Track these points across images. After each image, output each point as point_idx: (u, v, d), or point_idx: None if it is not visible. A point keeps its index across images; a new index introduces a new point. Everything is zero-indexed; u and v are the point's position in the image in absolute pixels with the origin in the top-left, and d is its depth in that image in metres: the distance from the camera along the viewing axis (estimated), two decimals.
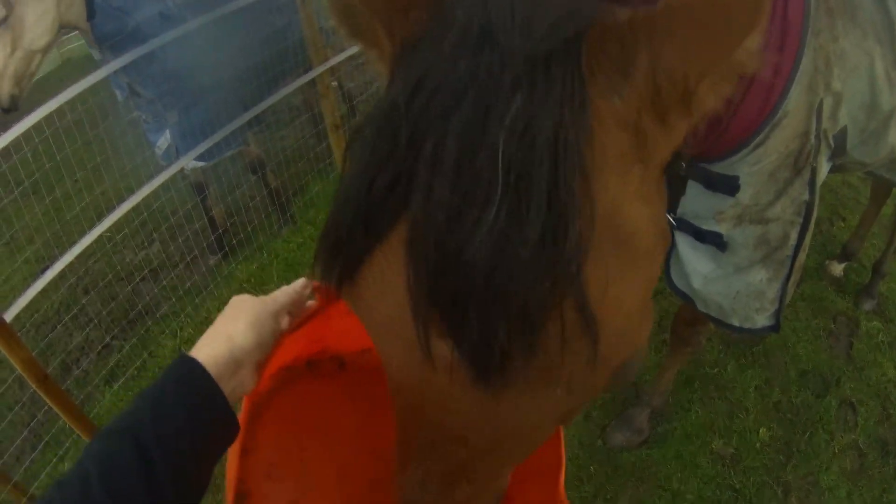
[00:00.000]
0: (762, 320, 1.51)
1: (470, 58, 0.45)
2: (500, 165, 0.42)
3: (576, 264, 0.44)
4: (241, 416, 0.83)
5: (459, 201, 0.43)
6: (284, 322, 0.82)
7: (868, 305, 2.82)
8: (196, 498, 0.66)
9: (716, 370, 2.58)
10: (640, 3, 0.48)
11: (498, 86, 0.43)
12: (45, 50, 2.41)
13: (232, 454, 0.87)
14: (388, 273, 0.50)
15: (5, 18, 2.25)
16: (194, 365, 0.69)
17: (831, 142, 1.30)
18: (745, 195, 1.29)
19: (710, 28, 0.43)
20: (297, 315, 0.87)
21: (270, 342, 0.78)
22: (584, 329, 0.46)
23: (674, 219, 1.49)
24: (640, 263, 0.51)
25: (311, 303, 0.90)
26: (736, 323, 1.53)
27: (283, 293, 0.83)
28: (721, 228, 1.38)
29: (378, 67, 0.58)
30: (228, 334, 0.73)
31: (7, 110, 2.37)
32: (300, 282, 0.86)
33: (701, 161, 1.27)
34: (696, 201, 1.38)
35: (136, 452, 0.60)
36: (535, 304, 0.44)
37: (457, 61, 0.45)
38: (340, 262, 0.53)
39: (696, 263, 1.50)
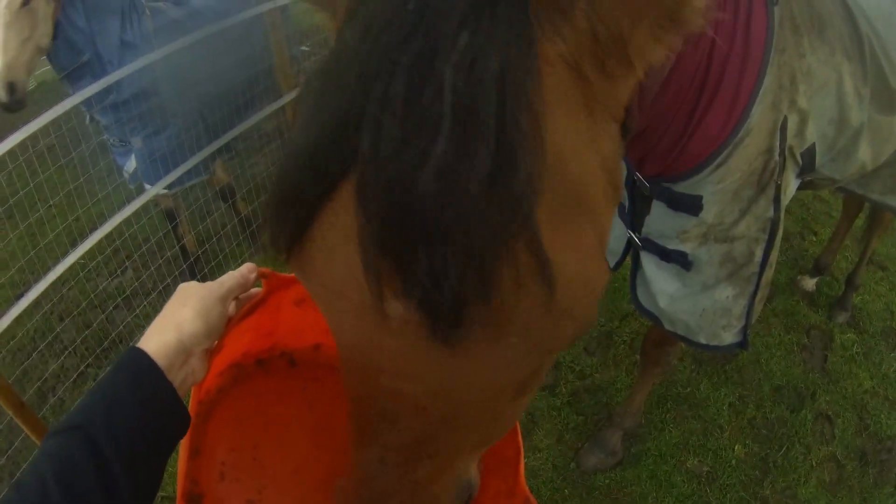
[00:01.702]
0: (729, 337, 1.52)
1: None
2: (445, 99, 0.42)
3: (527, 203, 0.44)
4: (190, 409, 0.82)
5: (408, 135, 0.42)
6: (231, 307, 0.82)
7: (842, 318, 2.84)
8: (152, 491, 0.66)
9: (689, 389, 2.58)
10: None
11: (446, 23, 0.43)
12: (45, 52, 2.39)
13: (182, 455, 0.86)
14: (340, 227, 0.48)
15: (28, 1, 2.24)
16: (143, 357, 0.68)
17: (799, 159, 1.30)
18: (709, 214, 1.29)
19: None
20: (244, 301, 0.86)
21: (219, 328, 0.78)
22: (539, 272, 0.45)
23: (639, 238, 1.50)
24: (592, 210, 0.51)
25: (256, 290, 0.88)
26: (703, 340, 1.53)
27: (230, 277, 0.82)
28: (686, 247, 1.38)
29: (331, 28, 0.58)
30: (177, 322, 0.73)
31: (13, 106, 2.31)
32: (246, 266, 0.85)
33: (664, 181, 1.27)
34: (661, 221, 1.38)
35: (89, 450, 0.60)
36: (486, 244, 0.43)
37: (405, 1, 0.44)
38: (289, 222, 0.50)
39: (661, 283, 1.50)
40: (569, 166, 0.47)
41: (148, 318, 3.11)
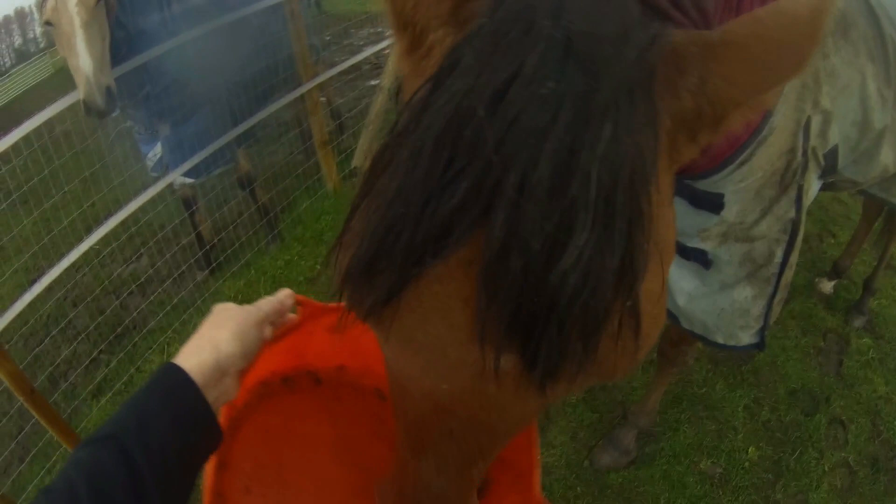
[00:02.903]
0: (747, 338, 1.50)
1: (557, 77, 0.44)
2: (591, 193, 0.43)
3: (640, 280, 0.47)
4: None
5: (551, 227, 0.43)
6: (267, 332, 0.83)
7: (859, 322, 2.81)
8: (181, 502, 0.65)
9: (704, 390, 2.56)
10: (691, 25, 0.53)
11: (588, 112, 0.44)
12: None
13: (208, 468, 0.87)
14: (443, 296, 0.49)
15: None
16: (180, 374, 0.69)
17: (822, 160, 1.29)
18: (730, 213, 1.28)
19: (761, 64, 0.47)
20: (279, 326, 0.88)
21: (254, 351, 0.79)
22: (634, 327, 0.49)
23: None
24: (665, 257, 0.54)
25: (291, 316, 0.91)
26: (720, 340, 1.52)
27: (268, 303, 0.84)
28: (706, 246, 1.37)
29: (403, 64, 0.58)
30: (214, 343, 0.73)
31: (108, 112, 2.20)
32: (284, 292, 0.87)
33: (686, 178, 1.26)
34: (682, 219, 1.37)
35: (121, 460, 0.60)
36: (601, 317, 0.46)
37: (544, 77, 0.44)
38: (383, 282, 0.50)
39: (680, 281, 1.49)
40: (659, 229, 0.51)
41: (162, 305, 3.12)
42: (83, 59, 2.11)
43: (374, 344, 0.83)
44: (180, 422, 0.66)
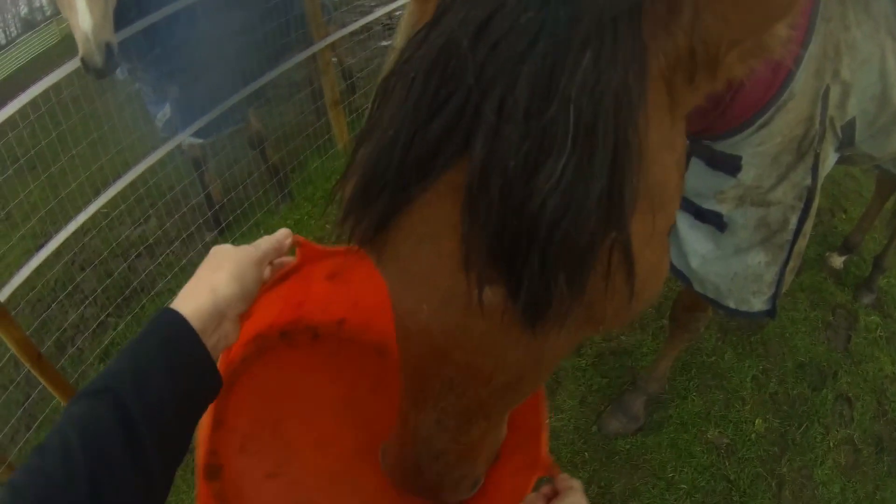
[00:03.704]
0: (759, 304, 1.50)
1: (538, 7, 0.45)
2: (570, 116, 0.43)
3: (628, 213, 0.47)
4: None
5: (528, 147, 0.44)
6: (266, 272, 0.81)
7: (867, 299, 2.80)
8: (179, 456, 0.64)
9: (713, 358, 2.57)
10: None
11: (568, 40, 0.45)
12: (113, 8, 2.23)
13: (203, 426, 0.85)
14: (434, 220, 0.50)
15: None
16: (178, 319, 0.66)
17: (839, 132, 1.29)
18: (747, 176, 1.28)
19: (752, 1, 0.48)
20: (278, 267, 0.85)
21: (254, 292, 0.77)
22: (626, 269, 0.49)
23: None
24: (667, 205, 0.54)
25: (288, 259, 0.88)
26: (732, 305, 1.52)
27: (266, 241, 0.81)
28: (722, 209, 1.37)
29: (416, 8, 0.60)
30: (212, 286, 0.71)
31: (108, 71, 2.14)
32: (282, 232, 0.85)
33: (705, 138, 1.26)
34: (698, 179, 1.37)
35: (117, 415, 0.58)
36: (588, 249, 0.46)
37: (525, 8, 0.45)
38: (378, 208, 0.51)
39: (694, 243, 1.49)
40: (654, 169, 0.51)
41: (171, 266, 3.12)
42: (82, 15, 2.07)
43: (376, 297, 0.82)
44: (178, 371, 0.64)
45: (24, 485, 0.54)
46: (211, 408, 0.85)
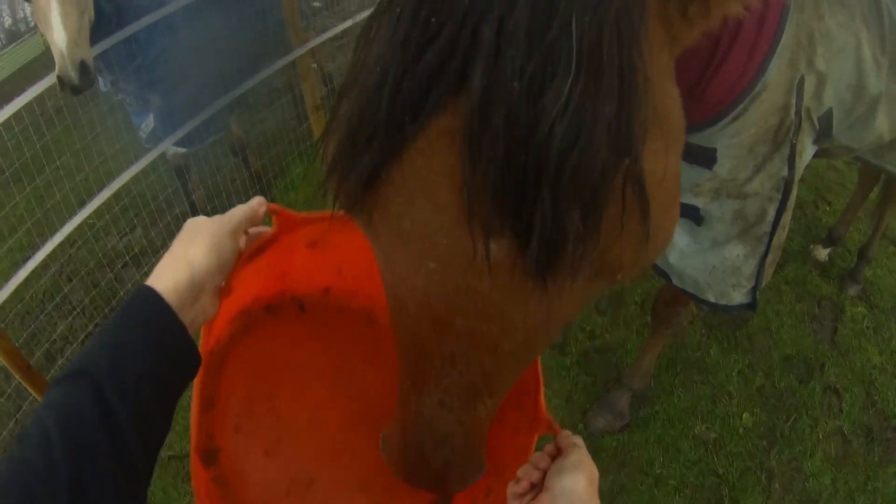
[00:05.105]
0: (739, 297, 1.50)
1: None
2: (574, 35, 0.41)
3: (639, 142, 0.44)
4: (200, 348, 0.79)
5: (533, 68, 0.41)
6: (242, 241, 0.79)
7: (853, 290, 2.82)
8: (161, 437, 0.63)
9: (698, 353, 2.57)
10: None
11: None
12: (92, 25, 2.22)
13: (194, 409, 0.83)
14: (428, 168, 0.46)
15: None
16: (153, 297, 0.65)
17: (816, 123, 1.29)
18: (722, 168, 1.28)
19: None
20: (254, 236, 0.84)
21: (230, 263, 0.75)
22: (641, 207, 0.46)
23: None
24: (673, 136, 0.52)
25: (264, 228, 0.85)
26: (711, 299, 1.52)
27: (240, 210, 0.79)
28: (698, 202, 1.37)
29: None
30: (188, 259, 0.69)
31: (84, 87, 2.12)
32: (256, 199, 0.82)
33: None
34: None
35: (94, 399, 0.57)
36: (599, 183, 0.43)
37: None
38: (364, 162, 0.47)
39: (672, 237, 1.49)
40: (660, 101, 0.49)
41: None
42: (57, 33, 2.05)
43: (361, 261, 0.79)
44: (157, 351, 0.63)
45: (4, 476, 0.53)
46: (200, 389, 0.84)
